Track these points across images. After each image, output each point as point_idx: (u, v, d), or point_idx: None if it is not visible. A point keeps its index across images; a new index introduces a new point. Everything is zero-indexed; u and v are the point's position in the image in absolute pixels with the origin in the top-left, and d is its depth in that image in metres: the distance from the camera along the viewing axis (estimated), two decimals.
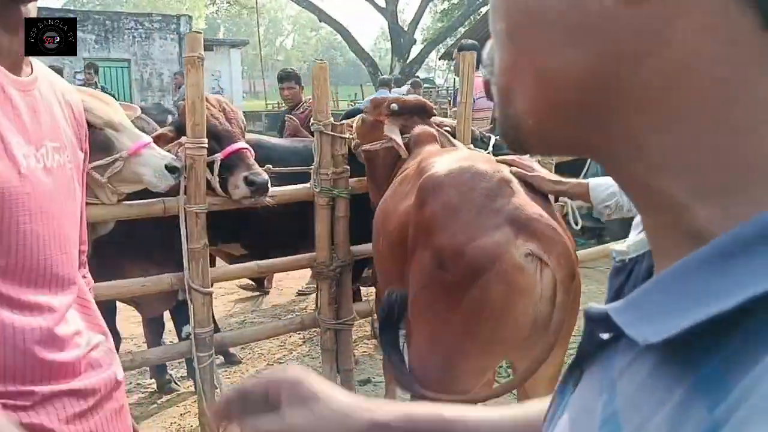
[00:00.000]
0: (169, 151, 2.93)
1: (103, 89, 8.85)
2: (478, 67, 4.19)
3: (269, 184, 3.02)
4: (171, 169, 2.63)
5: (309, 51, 60.46)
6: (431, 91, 24.77)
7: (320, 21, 23.17)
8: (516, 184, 2.04)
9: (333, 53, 58.83)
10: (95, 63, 9.30)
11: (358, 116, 3.36)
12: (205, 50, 3.02)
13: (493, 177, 2.03)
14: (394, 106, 3.09)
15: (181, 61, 17.35)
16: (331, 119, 3.24)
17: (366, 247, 3.63)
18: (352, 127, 3.37)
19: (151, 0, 40.64)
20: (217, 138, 3.03)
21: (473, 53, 3.67)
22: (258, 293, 5.62)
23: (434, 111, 3.23)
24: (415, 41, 24.20)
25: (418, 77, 32.98)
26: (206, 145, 2.90)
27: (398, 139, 2.92)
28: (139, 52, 16.75)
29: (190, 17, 17.14)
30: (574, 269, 1.90)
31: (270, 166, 3.22)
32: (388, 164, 3.09)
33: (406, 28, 23.77)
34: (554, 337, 1.87)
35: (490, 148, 3.79)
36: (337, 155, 3.27)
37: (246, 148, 3.07)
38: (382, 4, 23.24)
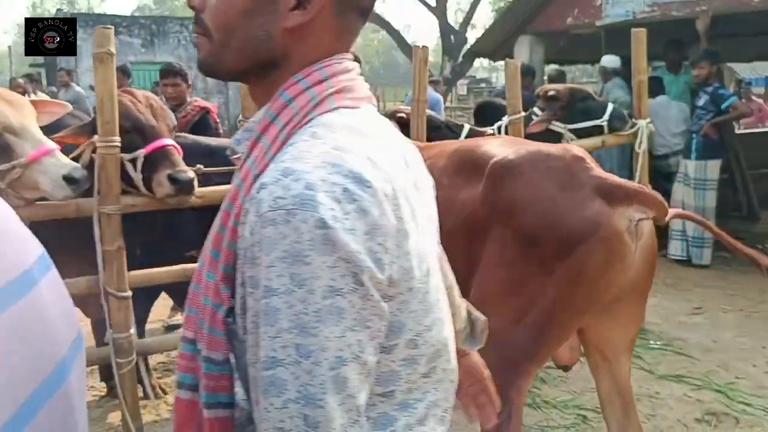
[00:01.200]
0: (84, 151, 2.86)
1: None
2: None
3: (195, 183, 2.90)
4: (70, 179, 2.53)
5: (371, 52, 60.59)
6: (482, 92, 24.44)
7: (369, 20, 23.07)
8: (589, 158, 2.14)
9: (395, 54, 58.76)
10: (126, 66, 9.45)
11: None
12: None
13: (566, 155, 2.15)
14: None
15: None
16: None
17: None
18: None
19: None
20: (142, 133, 2.92)
21: (426, 50, 3.43)
22: None
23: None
24: (467, 40, 23.79)
25: (474, 76, 32.50)
26: (118, 144, 2.80)
27: None
28: (184, 56, 17.11)
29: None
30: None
31: (201, 165, 3.10)
32: None
33: (458, 27, 23.41)
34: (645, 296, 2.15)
35: (463, 137, 3.57)
36: None
37: (172, 145, 2.94)
38: (433, 4, 22.97)
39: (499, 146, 2.33)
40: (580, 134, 4.03)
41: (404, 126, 3.39)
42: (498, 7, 27.90)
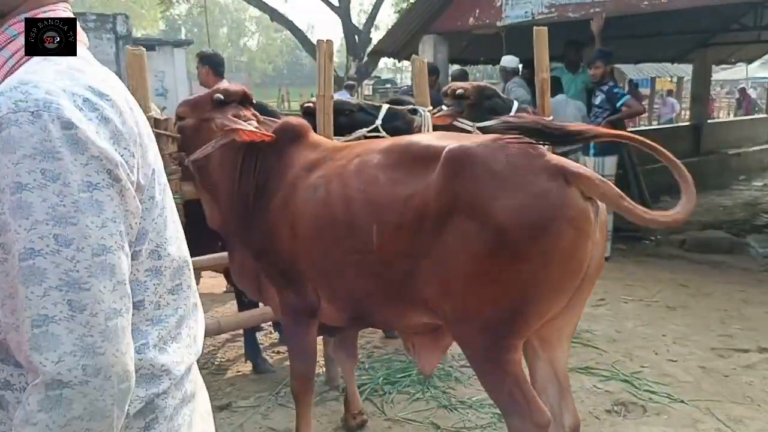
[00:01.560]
0: None
1: None
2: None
3: None
4: None
5: (274, 52, 59.59)
6: (388, 92, 24.53)
7: (272, 20, 22.64)
8: (540, 146, 2.16)
9: (299, 54, 58.08)
10: None
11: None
12: (147, 50, 2.80)
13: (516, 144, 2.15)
14: (219, 96, 2.77)
15: (120, 62, 16.72)
16: (155, 112, 2.84)
17: (203, 260, 3.26)
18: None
19: (104, 2, 39.61)
20: None
21: (330, 44, 3.29)
22: None
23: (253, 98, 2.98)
24: (371, 40, 23.81)
25: (379, 77, 32.61)
26: None
27: (244, 125, 2.67)
28: None
29: (127, 16, 16.40)
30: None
31: None
32: (229, 163, 2.75)
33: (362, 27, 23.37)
34: (597, 275, 2.19)
35: (379, 121, 3.43)
36: (163, 155, 2.85)
37: None
38: (337, 3, 22.82)
39: (439, 139, 2.31)
40: (488, 132, 4.00)
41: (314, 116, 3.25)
42: (400, 9, 28.14)
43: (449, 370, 3.86)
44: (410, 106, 3.61)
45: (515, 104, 4.00)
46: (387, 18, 37.43)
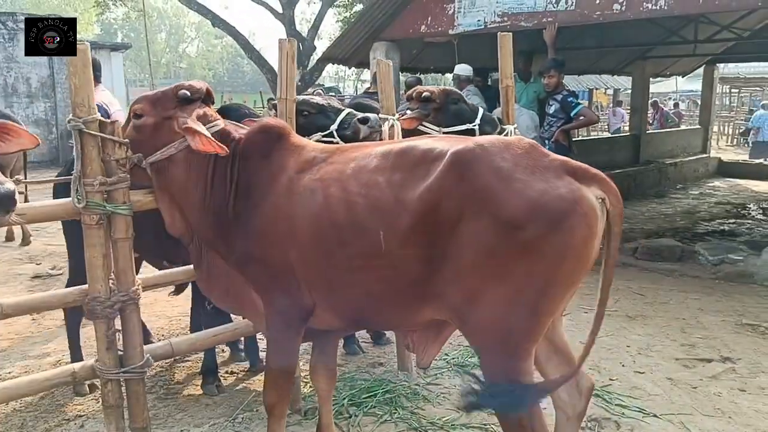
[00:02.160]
0: None
1: None
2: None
3: (15, 198, 2.30)
4: None
5: (214, 58, 58.48)
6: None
7: (213, 26, 22.13)
8: (540, 146, 2.24)
9: (240, 61, 57.21)
10: None
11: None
12: None
13: (522, 142, 2.23)
14: (185, 92, 2.55)
15: (52, 65, 15.90)
16: (98, 114, 2.56)
17: (159, 275, 3.00)
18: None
19: (35, 3, 37.97)
20: None
21: (293, 43, 3.08)
22: None
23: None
24: (315, 48, 23.58)
25: (322, 85, 32.46)
26: None
27: (204, 132, 2.47)
28: (2, 55, 15.19)
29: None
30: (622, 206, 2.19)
31: (20, 177, 2.52)
32: (199, 166, 2.57)
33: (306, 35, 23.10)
34: (611, 271, 2.25)
35: (335, 126, 3.22)
36: (109, 160, 2.58)
37: None
38: (280, 10, 22.49)
39: (438, 141, 2.32)
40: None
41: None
42: (343, 18, 28.05)
43: (416, 388, 3.69)
44: (367, 114, 3.42)
45: (480, 110, 3.88)
46: (330, 27, 37.31)
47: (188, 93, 2.55)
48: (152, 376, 3.89)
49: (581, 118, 6.56)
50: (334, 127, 3.13)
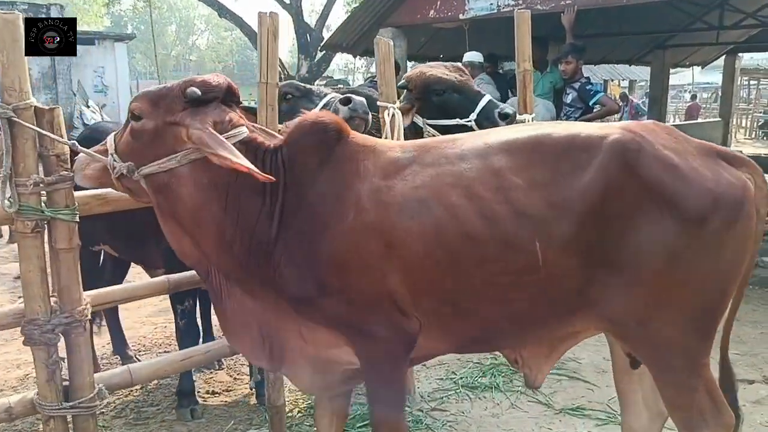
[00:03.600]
0: None
1: None
2: None
3: None
4: None
5: (224, 51, 58.17)
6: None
7: (220, 17, 21.72)
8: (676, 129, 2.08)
9: (250, 53, 56.86)
10: None
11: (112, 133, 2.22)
12: (86, 44, 2.00)
13: (660, 126, 2.08)
14: (194, 91, 1.98)
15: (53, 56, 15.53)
16: (33, 100, 2.13)
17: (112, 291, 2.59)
18: None
19: None
20: None
21: (275, 18, 2.62)
22: None
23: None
24: (323, 39, 23.12)
25: (331, 77, 32.08)
26: None
27: (235, 155, 1.88)
28: None
29: (62, 6, 15.22)
30: None
31: None
32: (211, 187, 1.99)
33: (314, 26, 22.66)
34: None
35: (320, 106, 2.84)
36: (48, 156, 2.15)
37: None
38: (288, 1, 22.05)
39: (569, 128, 2.05)
40: (444, 133, 3.17)
41: None
42: (353, 8, 27.55)
43: (418, 415, 3.24)
44: (350, 95, 2.95)
45: (482, 101, 3.30)
46: (338, 19, 36.82)
47: (198, 92, 1.97)
48: (120, 399, 3.47)
49: (601, 107, 6.06)
50: (315, 110, 2.70)
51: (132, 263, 3.89)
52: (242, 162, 1.85)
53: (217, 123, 1.99)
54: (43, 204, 2.15)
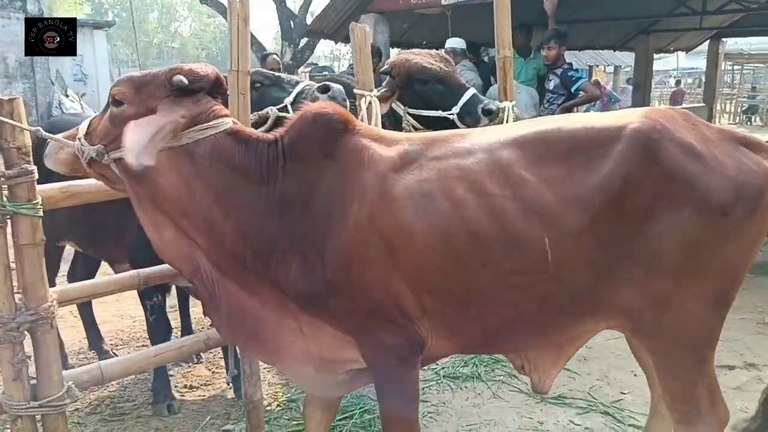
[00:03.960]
0: None
1: None
2: None
3: None
4: None
5: (207, 38, 57.53)
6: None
7: (201, 3, 21.41)
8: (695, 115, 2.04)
9: None
10: None
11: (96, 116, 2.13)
12: None
13: (677, 112, 2.02)
14: (181, 79, 1.90)
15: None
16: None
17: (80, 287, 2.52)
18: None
19: None
20: None
21: (245, 4, 2.54)
22: None
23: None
24: (307, 26, 22.93)
25: (316, 64, 31.82)
26: None
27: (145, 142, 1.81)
28: None
29: None
30: None
31: None
32: (198, 177, 1.92)
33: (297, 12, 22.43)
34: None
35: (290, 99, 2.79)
36: (8, 148, 2.07)
37: None
38: None
39: (586, 120, 1.99)
40: (425, 123, 3.19)
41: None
42: None
43: None
44: (328, 83, 2.89)
45: (467, 95, 3.21)
46: (323, 5, 36.46)
47: (185, 80, 1.90)
48: (96, 394, 3.41)
49: (583, 93, 6.03)
50: (289, 99, 2.67)
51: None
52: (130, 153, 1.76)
53: (199, 114, 1.93)
54: (5, 198, 2.08)
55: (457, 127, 2.93)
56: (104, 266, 4.02)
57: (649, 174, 1.83)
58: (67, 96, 14.91)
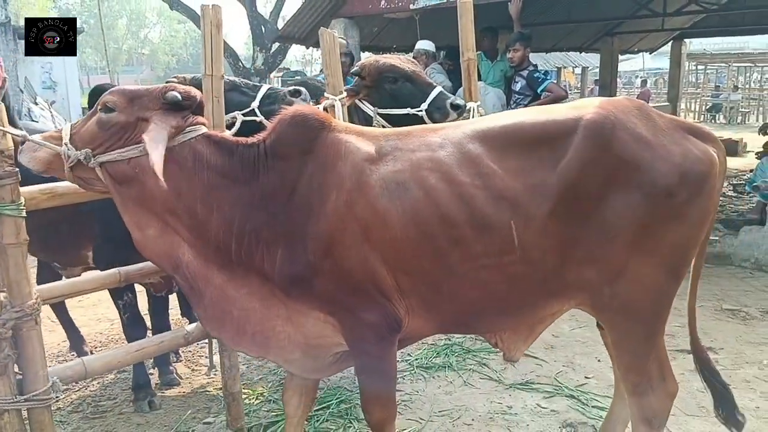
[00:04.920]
0: None
1: None
2: None
3: None
4: None
5: (178, 44, 57.05)
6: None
7: (171, 9, 21.30)
8: (648, 105, 2.20)
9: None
10: None
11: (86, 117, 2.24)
12: None
13: (634, 103, 2.16)
14: (176, 96, 2.09)
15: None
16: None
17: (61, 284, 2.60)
18: None
19: None
20: None
21: (218, 10, 2.65)
22: None
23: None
24: (278, 30, 22.93)
25: (288, 69, 31.74)
26: None
27: (156, 155, 1.96)
28: None
29: (5, 0, 14.88)
30: None
31: None
32: (184, 178, 2.09)
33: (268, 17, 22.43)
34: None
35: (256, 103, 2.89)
36: None
37: None
38: None
39: (544, 113, 2.16)
40: (395, 123, 3.26)
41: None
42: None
43: None
44: (299, 87, 3.01)
45: (434, 93, 3.34)
46: (294, 9, 36.46)
47: (179, 97, 2.10)
48: (78, 393, 3.48)
49: (549, 94, 6.22)
50: (255, 104, 2.78)
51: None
52: (157, 168, 1.90)
53: (185, 127, 2.12)
54: None
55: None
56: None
57: (603, 161, 2.01)
58: (36, 104, 14.71)
